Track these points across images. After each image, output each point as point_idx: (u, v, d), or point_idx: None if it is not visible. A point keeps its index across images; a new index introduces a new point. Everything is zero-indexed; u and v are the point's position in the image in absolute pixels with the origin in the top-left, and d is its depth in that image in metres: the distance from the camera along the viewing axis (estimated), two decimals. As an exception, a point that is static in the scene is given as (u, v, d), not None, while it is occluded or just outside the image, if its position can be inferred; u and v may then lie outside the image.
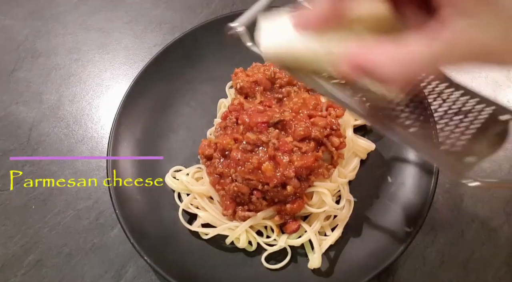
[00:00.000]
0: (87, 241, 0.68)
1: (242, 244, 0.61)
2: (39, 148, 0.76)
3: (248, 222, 0.60)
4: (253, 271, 0.61)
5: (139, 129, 0.71)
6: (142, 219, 0.63)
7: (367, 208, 0.64)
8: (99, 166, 0.74)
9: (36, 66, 0.86)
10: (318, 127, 0.60)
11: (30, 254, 0.67)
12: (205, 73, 0.75)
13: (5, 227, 0.69)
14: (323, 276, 0.59)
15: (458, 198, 0.67)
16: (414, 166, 0.64)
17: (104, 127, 0.78)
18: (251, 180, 0.57)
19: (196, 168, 0.67)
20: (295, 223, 0.60)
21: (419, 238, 0.63)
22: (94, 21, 0.91)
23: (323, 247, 0.60)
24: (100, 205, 0.70)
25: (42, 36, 0.89)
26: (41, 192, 0.72)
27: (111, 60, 0.86)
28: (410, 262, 0.63)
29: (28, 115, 0.80)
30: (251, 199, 0.59)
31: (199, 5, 0.90)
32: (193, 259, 0.61)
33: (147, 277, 0.65)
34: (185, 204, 0.64)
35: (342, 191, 0.63)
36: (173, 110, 0.74)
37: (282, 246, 0.61)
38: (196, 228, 0.63)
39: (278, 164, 0.57)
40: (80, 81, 0.84)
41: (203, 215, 0.63)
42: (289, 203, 0.59)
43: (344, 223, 0.62)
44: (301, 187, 0.59)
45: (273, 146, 0.56)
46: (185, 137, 0.72)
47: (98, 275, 0.65)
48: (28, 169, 0.74)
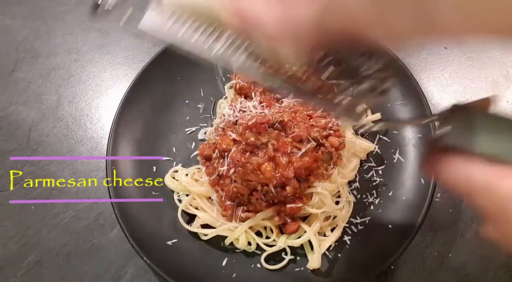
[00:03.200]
0: (86, 241, 0.68)
1: (241, 244, 0.61)
2: (38, 148, 0.77)
3: (248, 222, 0.60)
4: (253, 272, 0.61)
5: (139, 130, 0.71)
6: (142, 219, 0.63)
7: (366, 208, 0.64)
8: (98, 166, 0.74)
9: (36, 66, 0.86)
10: (318, 128, 0.60)
11: (30, 254, 0.67)
12: (205, 74, 0.75)
13: (5, 227, 0.69)
14: (322, 276, 0.59)
15: (457, 198, 0.67)
16: (413, 166, 0.64)
17: (103, 127, 0.78)
18: (250, 180, 0.57)
19: (196, 168, 0.67)
20: (295, 224, 0.60)
21: (419, 238, 0.63)
22: (94, 22, 0.91)
23: (322, 248, 0.60)
24: (99, 205, 0.70)
25: (42, 36, 0.89)
26: (40, 192, 0.72)
27: (110, 60, 0.86)
28: (410, 262, 0.63)
29: (28, 116, 0.80)
30: (250, 200, 0.59)
31: None
32: (192, 260, 0.61)
33: (146, 277, 0.65)
34: (184, 205, 0.64)
35: (342, 192, 0.63)
36: (173, 110, 0.74)
37: (281, 246, 0.61)
38: (196, 229, 0.63)
39: (277, 164, 0.57)
40: (80, 82, 0.84)
41: (202, 216, 0.63)
42: (289, 203, 0.59)
43: (344, 224, 0.62)
44: (301, 188, 0.59)
45: (272, 147, 0.56)
46: (184, 138, 0.72)
47: (98, 275, 0.65)
48: (28, 169, 0.74)
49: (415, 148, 0.66)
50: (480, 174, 0.32)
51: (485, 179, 0.31)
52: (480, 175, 0.32)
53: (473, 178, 0.32)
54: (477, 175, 0.32)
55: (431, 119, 0.38)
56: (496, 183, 0.31)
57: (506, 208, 0.30)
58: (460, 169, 0.33)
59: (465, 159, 0.34)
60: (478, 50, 0.82)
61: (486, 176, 0.31)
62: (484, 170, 0.32)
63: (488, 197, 0.31)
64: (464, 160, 0.34)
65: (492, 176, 0.31)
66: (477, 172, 0.32)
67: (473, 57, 0.82)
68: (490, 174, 0.31)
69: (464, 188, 0.33)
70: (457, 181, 0.33)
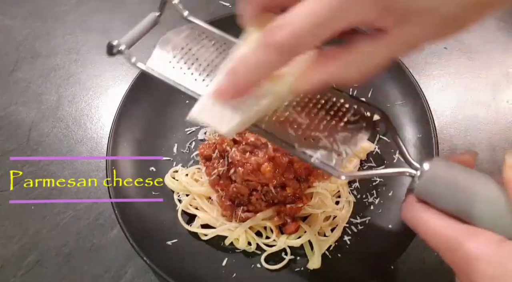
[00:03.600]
0: (86, 241, 0.68)
1: (241, 244, 0.61)
2: (38, 148, 0.76)
3: (248, 223, 0.60)
4: (253, 272, 0.61)
5: (139, 130, 0.71)
6: (142, 219, 0.63)
7: (366, 209, 0.64)
8: (98, 166, 0.74)
9: (36, 66, 0.86)
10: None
11: (30, 254, 0.67)
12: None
13: (5, 227, 0.69)
14: (322, 276, 0.59)
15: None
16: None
17: (103, 127, 0.78)
18: (250, 181, 0.57)
19: (195, 168, 0.67)
20: (295, 224, 0.60)
21: (419, 238, 0.63)
22: (94, 22, 0.91)
23: (322, 248, 0.60)
24: (99, 205, 0.70)
25: (42, 36, 0.89)
26: (40, 192, 0.72)
27: (110, 60, 0.86)
28: (410, 263, 0.63)
29: (28, 116, 0.80)
30: (250, 200, 0.59)
31: (199, 6, 0.90)
32: (192, 260, 0.61)
33: (146, 277, 0.65)
34: (184, 205, 0.64)
35: (342, 192, 0.63)
36: (173, 110, 0.74)
37: (281, 246, 0.61)
38: (195, 229, 0.63)
39: (277, 164, 0.57)
40: (80, 82, 0.84)
41: (202, 216, 0.63)
42: (289, 203, 0.59)
43: (344, 224, 0.62)
44: (301, 188, 0.59)
45: (272, 147, 0.56)
46: (184, 138, 0.72)
47: (98, 275, 0.65)
48: (28, 169, 0.74)
49: (415, 148, 0.66)
50: (448, 230, 0.33)
51: (452, 235, 0.33)
52: (449, 231, 0.33)
53: (441, 233, 0.34)
54: (446, 231, 0.33)
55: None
56: (462, 242, 0.32)
57: (470, 268, 0.31)
58: (429, 223, 0.35)
59: (435, 213, 0.35)
60: (478, 50, 0.82)
61: (454, 233, 0.33)
62: (452, 227, 0.33)
63: (454, 254, 0.33)
64: (434, 214, 0.35)
65: (459, 235, 0.32)
66: (445, 228, 0.33)
67: (473, 57, 0.82)
68: (457, 231, 0.33)
69: (432, 242, 0.34)
70: (426, 234, 0.35)
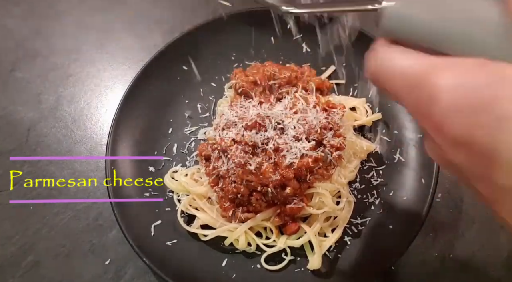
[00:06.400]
0: (85, 241, 0.67)
1: (241, 245, 0.61)
2: (37, 148, 0.76)
3: (248, 223, 0.60)
4: (253, 272, 0.61)
5: (138, 130, 0.70)
6: (141, 219, 0.63)
7: (367, 209, 0.64)
8: (98, 166, 0.73)
9: (35, 66, 0.86)
10: (318, 128, 0.60)
11: (29, 255, 0.67)
12: (204, 73, 0.75)
13: (4, 227, 0.69)
14: (323, 277, 0.59)
15: (458, 198, 0.67)
16: (414, 166, 0.64)
17: (103, 127, 0.78)
18: (250, 181, 0.57)
19: (195, 168, 0.67)
20: (295, 224, 0.60)
21: (419, 238, 0.63)
22: (93, 21, 0.90)
23: (323, 248, 0.60)
24: (99, 206, 0.70)
25: (41, 36, 0.89)
26: (40, 192, 0.72)
27: (110, 60, 0.86)
28: (410, 263, 0.63)
29: (27, 116, 0.80)
30: (250, 200, 0.59)
31: (199, 5, 0.90)
32: (192, 261, 0.61)
33: (145, 278, 0.64)
34: (183, 205, 0.64)
35: (342, 192, 0.63)
36: (172, 110, 0.74)
37: (281, 247, 0.61)
38: (195, 230, 0.63)
39: (277, 165, 0.56)
40: (79, 82, 0.84)
41: (202, 216, 0.63)
42: (289, 204, 0.59)
43: (344, 224, 0.62)
44: (301, 188, 0.58)
45: (272, 147, 0.56)
46: (184, 138, 0.72)
47: (97, 276, 0.65)
48: (28, 169, 0.73)
49: (416, 148, 0.65)
50: (416, 66, 0.26)
51: (421, 70, 0.26)
52: (417, 66, 0.26)
53: (408, 71, 0.26)
54: (413, 67, 0.26)
55: None
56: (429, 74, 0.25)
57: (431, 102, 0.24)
58: (395, 61, 0.27)
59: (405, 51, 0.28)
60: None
61: (424, 67, 0.26)
62: (422, 61, 0.26)
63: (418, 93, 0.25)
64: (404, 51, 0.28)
65: (430, 67, 0.25)
66: (413, 64, 0.26)
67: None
68: (429, 64, 0.26)
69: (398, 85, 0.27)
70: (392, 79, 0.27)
